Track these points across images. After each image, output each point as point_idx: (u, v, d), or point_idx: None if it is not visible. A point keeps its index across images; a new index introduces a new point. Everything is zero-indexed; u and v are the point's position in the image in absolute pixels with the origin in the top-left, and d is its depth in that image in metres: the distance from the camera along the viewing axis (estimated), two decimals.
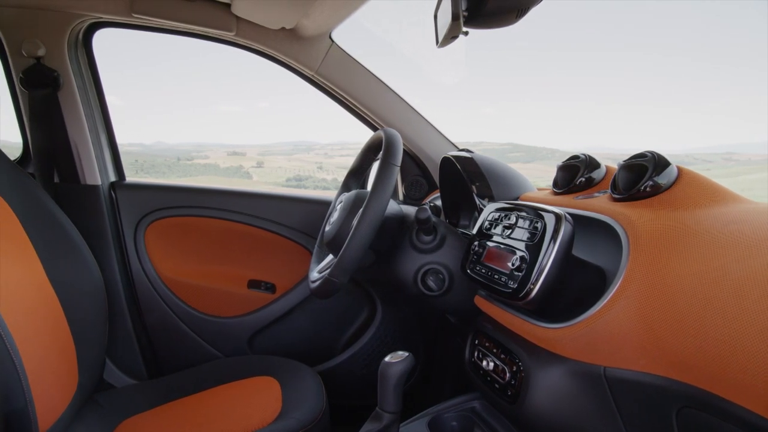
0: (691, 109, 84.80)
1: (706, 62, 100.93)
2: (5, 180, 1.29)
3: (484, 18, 0.94)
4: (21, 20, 1.52)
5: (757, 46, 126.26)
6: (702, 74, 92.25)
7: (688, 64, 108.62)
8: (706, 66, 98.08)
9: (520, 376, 0.93)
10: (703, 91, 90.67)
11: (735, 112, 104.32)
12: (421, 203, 1.73)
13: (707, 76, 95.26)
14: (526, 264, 0.90)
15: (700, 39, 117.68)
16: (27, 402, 1.05)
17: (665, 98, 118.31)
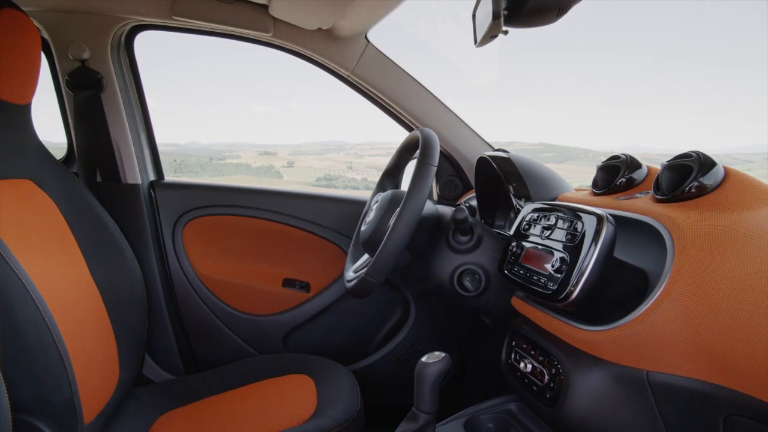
0: (728, 108, 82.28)
1: (744, 62, 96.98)
2: (52, 180, 1.33)
3: (524, 16, 0.93)
4: (67, 24, 1.57)
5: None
6: (739, 74, 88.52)
7: (724, 64, 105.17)
8: (743, 65, 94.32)
9: (559, 378, 0.91)
10: (741, 89, 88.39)
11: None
12: (456, 203, 1.73)
13: (745, 75, 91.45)
14: (566, 265, 0.89)
15: (738, 40, 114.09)
16: (73, 394, 1.08)
17: (701, 99, 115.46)
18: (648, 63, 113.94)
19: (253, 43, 1.69)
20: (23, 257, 1.07)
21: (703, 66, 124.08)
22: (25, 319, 1.02)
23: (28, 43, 1.19)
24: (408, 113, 1.70)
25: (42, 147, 1.35)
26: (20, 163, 1.24)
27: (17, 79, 1.19)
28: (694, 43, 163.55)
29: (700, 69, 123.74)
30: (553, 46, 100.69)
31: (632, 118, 76.78)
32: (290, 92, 63.38)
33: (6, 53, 1.13)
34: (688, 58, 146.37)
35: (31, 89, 1.26)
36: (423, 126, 1.64)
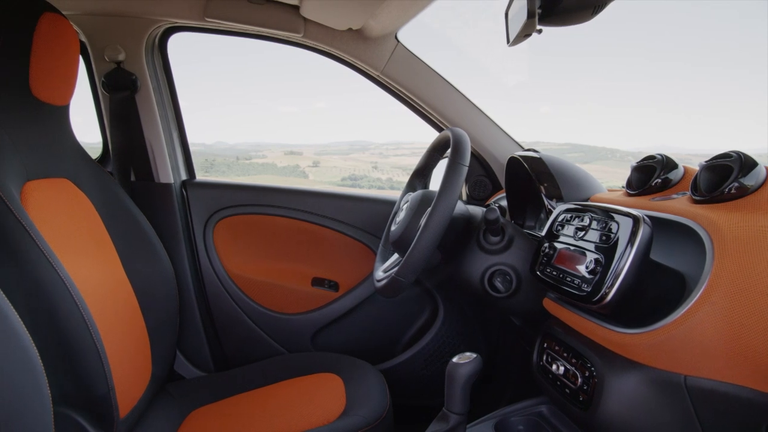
0: (764, 108, 76.04)
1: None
2: (89, 179, 1.36)
3: (559, 15, 0.92)
4: (104, 27, 1.60)
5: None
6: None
7: (758, 64, 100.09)
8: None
9: (593, 381, 0.90)
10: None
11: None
12: (485, 204, 1.72)
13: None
14: (600, 267, 0.88)
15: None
16: (109, 389, 1.10)
17: (735, 99, 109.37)
18: (678, 64, 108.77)
19: (284, 43, 1.71)
20: (62, 255, 1.10)
21: (737, 67, 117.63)
22: (64, 316, 1.04)
23: (67, 46, 1.23)
24: (437, 113, 1.69)
25: (79, 147, 1.38)
26: (59, 162, 1.28)
27: (57, 81, 1.23)
28: (727, 43, 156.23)
29: (734, 70, 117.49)
30: (581, 45, 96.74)
31: (660, 118, 74.14)
32: (316, 92, 63.33)
33: (47, 56, 1.17)
34: (721, 60, 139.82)
35: (70, 91, 1.30)
36: (453, 126, 1.64)
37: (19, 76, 1.13)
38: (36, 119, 1.21)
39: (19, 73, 1.13)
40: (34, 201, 1.14)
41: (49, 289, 1.03)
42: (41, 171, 1.20)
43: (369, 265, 1.79)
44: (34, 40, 1.13)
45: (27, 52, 1.13)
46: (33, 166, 1.18)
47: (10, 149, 1.11)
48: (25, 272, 1.02)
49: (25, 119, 1.17)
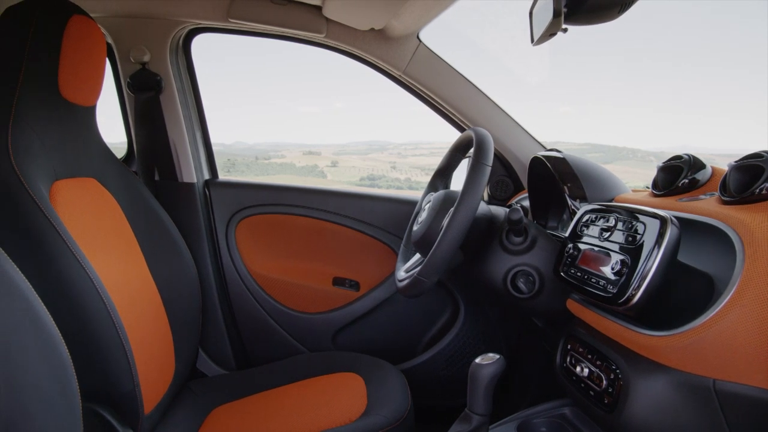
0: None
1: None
2: (115, 178, 1.38)
3: (585, 14, 0.91)
4: (130, 29, 1.63)
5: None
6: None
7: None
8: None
9: (618, 384, 0.89)
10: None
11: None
12: (507, 204, 1.71)
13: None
14: (626, 268, 0.87)
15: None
16: (135, 385, 1.12)
17: (757, 98, 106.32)
18: (701, 63, 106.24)
19: (306, 44, 1.72)
20: (89, 253, 1.12)
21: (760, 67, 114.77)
22: (91, 313, 1.06)
23: (95, 47, 1.25)
24: (459, 113, 1.69)
25: (105, 147, 1.40)
26: (86, 162, 1.30)
27: (85, 82, 1.25)
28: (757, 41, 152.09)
29: (757, 70, 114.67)
30: (600, 44, 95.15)
31: (682, 118, 72.47)
32: (335, 92, 63.11)
33: (75, 58, 1.19)
34: (747, 60, 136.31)
35: (97, 91, 1.32)
36: (474, 126, 1.63)
37: (48, 78, 1.16)
38: (64, 120, 1.23)
39: (49, 75, 1.16)
40: (62, 200, 1.16)
41: (77, 287, 1.05)
42: (69, 170, 1.22)
43: (390, 265, 1.79)
44: (63, 42, 1.15)
45: (56, 54, 1.15)
46: (61, 165, 1.20)
47: (40, 149, 1.13)
48: (53, 270, 1.04)
49: (53, 120, 1.19)
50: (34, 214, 1.04)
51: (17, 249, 0.80)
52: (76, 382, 0.82)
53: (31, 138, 1.11)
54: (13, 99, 1.09)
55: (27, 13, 1.13)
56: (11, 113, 1.08)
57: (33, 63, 1.12)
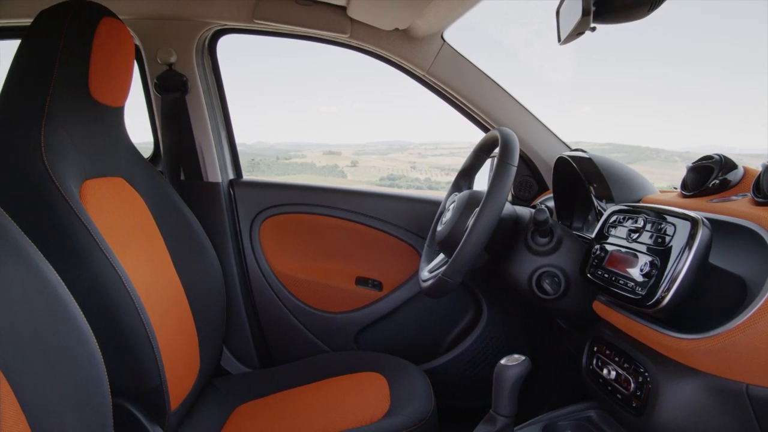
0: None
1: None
2: (142, 178, 1.40)
3: (614, 12, 0.90)
4: (157, 30, 1.65)
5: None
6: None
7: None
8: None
9: (647, 387, 0.88)
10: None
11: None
12: (530, 204, 1.70)
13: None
14: (656, 270, 0.86)
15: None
16: (162, 382, 1.14)
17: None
18: (729, 62, 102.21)
19: (330, 44, 1.72)
20: (118, 251, 1.13)
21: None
22: (120, 311, 1.08)
23: (123, 49, 1.27)
24: (483, 113, 1.68)
25: (133, 147, 1.42)
26: (114, 162, 1.32)
27: (114, 83, 1.27)
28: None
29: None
30: (626, 42, 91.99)
31: (708, 118, 69.70)
32: (354, 92, 62.62)
33: (105, 59, 1.21)
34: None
35: (125, 92, 1.34)
36: (499, 126, 1.62)
37: (79, 79, 1.18)
38: (94, 120, 1.25)
39: (80, 76, 1.18)
40: (92, 199, 1.18)
41: (106, 284, 1.07)
42: (98, 170, 1.25)
43: (413, 265, 1.79)
44: (93, 43, 1.17)
45: (87, 56, 1.17)
46: (91, 165, 1.22)
47: (71, 149, 1.15)
48: (84, 268, 1.06)
49: (84, 120, 1.21)
50: (65, 212, 1.06)
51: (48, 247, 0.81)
52: (106, 377, 0.83)
53: (62, 137, 1.13)
54: (45, 99, 1.11)
55: (59, 16, 1.15)
56: (44, 113, 1.10)
57: (65, 64, 1.14)
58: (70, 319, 0.79)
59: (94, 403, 0.81)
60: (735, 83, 20.70)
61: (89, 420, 0.80)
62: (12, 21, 1.67)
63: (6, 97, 1.13)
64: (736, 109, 15.24)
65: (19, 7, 1.62)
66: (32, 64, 1.14)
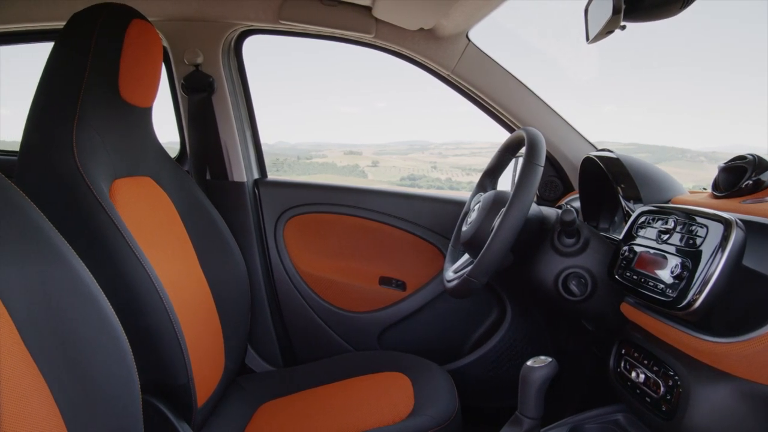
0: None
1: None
2: (169, 177, 1.42)
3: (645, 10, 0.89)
4: (184, 32, 1.67)
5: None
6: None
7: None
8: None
9: (677, 391, 0.87)
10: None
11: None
12: (556, 205, 1.68)
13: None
14: (687, 272, 0.84)
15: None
16: (189, 379, 1.15)
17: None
18: (752, 58, 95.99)
19: (355, 44, 1.72)
20: (146, 250, 1.15)
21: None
22: (149, 309, 1.10)
23: (152, 50, 1.29)
24: (509, 112, 1.67)
25: (160, 146, 1.44)
26: (143, 161, 1.34)
27: (143, 83, 1.29)
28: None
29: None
30: (649, 39, 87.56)
31: (735, 117, 66.63)
32: (376, 91, 61.96)
33: (134, 60, 1.23)
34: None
35: (153, 93, 1.36)
36: (524, 126, 1.61)
37: (109, 79, 1.20)
38: (123, 120, 1.27)
39: (110, 77, 1.20)
40: (121, 198, 1.20)
41: (135, 283, 1.09)
42: (127, 169, 1.27)
43: (436, 265, 1.79)
44: (123, 45, 1.19)
45: (117, 57, 1.19)
46: (120, 164, 1.24)
47: (101, 148, 1.17)
48: (114, 267, 1.08)
49: (113, 120, 1.23)
50: (96, 211, 1.08)
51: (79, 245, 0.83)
52: (136, 374, 0.85)
53: (93, 137, 1.15)
54: (77, 99, 1.13)
55: (91, 19, 1.17)
56: (76, 113, 1.12)
57: (96, 65, 1.16)
58: (102, 316, 0.80)
59: (125, 400, 0.82)
60: (764, 83, 20.16)
61: (120, 416, 0.81)
62: (46, 24, 1.71)
63: (40, 98, 1.15)
64: (763, 110, 14.93)
65: (53, 11, 1.66)
66: (65, 65, 1.17)
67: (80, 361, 0.77)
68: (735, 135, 21.13)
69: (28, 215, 0.77)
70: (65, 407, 0.74)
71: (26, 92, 1.19)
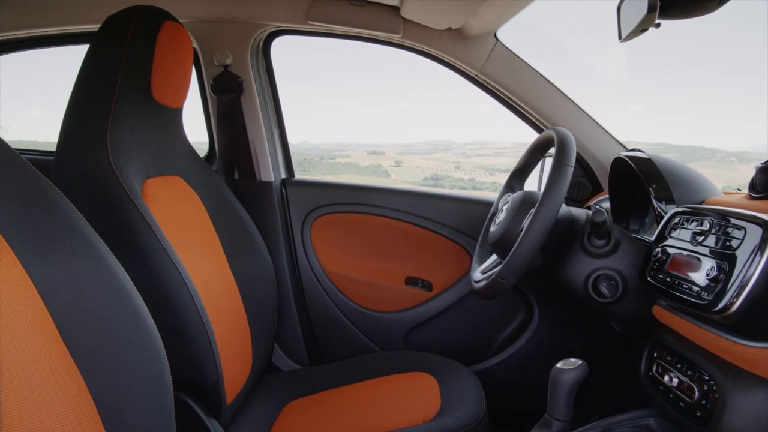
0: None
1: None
2: (198, 177, 1.44)
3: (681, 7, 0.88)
4: (214, 33, 1.69)
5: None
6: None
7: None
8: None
9: (713, 396, 0.85)
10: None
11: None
12: (585, 205, 1.66)
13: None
14: (724, 275, 0.83)
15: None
16: (219, 377, 1.17)
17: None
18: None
19: (382, 44, 1.73)
20: (178, 249, 1.17)
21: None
22: (181, 307, 1.11)
23: (183, 51, 1.31)
24: (537, 112, 1.65)
25: (190, 146, 1.46)
26: (173, 161, 1.36)
27: (174, 84, 1.31)
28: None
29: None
30: (673, 38, 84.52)
31: (763, 117, 64.17)
32: (399, 91, 61.37)
33: (166, 62, 1.25)
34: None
35: (184, 94, 1.38)
36: (553, 125, 1.60)
37: (142, 80, 1.22)
38: (155, 120, 1.29)
39: (143, 77, 1.22)
40: (152, 197, 1.22)
41: (168, 281, 1.10)
42: (158, 169, 1.29)
43: (462, 266, 1.78)
44: (156, 46, 1.21)
45: (150, 59, 1.21)
46: (152, 164, 1.26)
47: (134, 148, 1.19)
48: (146, 265, 1.09)
49: (146, 120, 1.25)
50: (129, 209, 1.10)
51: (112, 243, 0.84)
52: (169, 371, 0.86)
53: (126, 137, 1.17)
54: (111, 100, 1.15)
55: (125, 21, 1.20)
56: (110, 113, 1.14)
57: (129, 66, 1.18)
58: (136, 314, 0.82)
59: (158, 396, 0.84)
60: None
61: (154, 412, 0.83)
62: (81, 27, 1.75)
63: (76, 98, 1.18)
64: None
65: (88, 14, 1.70)
66: (100, 66, 1.19)
67: (116, 358, 0.78)
68: (765, 136, 20.56)
69: (67, 214, 0.79)
70: (102, 404, 0.75)
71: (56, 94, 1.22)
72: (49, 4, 1.72)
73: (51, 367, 0.70)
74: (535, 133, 1.69)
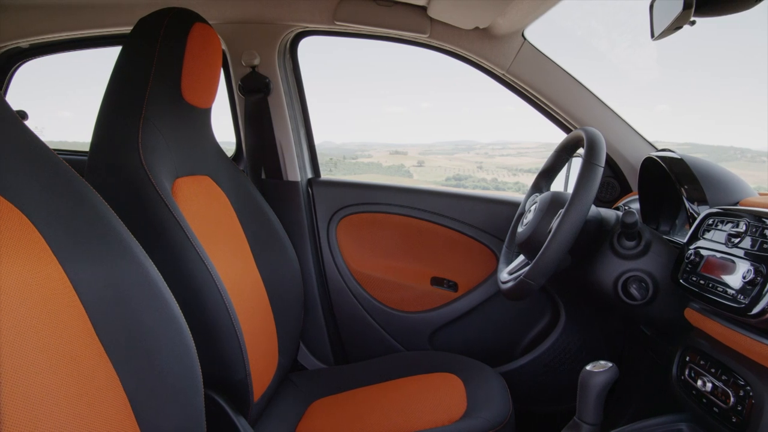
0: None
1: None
2: (226, 177, 1.46)
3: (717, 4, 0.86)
4: (242, 34, 1.71)
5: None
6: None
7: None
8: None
9: (749, 402, 0.83)
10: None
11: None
12: (613, 206, 1.64)
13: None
14: (761, 278, 0.81)
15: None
16: (246, 374, 1.18)
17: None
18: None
19: (409, 44, 1.72)
20: (207, 248, 1.18)
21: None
22: (210, 305, 1.13)
23: (213, 52, 1.32)
24: (565, 112, 1.63)
25: (218, 147, 1.48)
26: (202, 161, 1.38)
27: (203, 85, 1.33)
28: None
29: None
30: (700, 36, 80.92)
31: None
32: (422, 91, 60.81)
33: (196, 63, 1.26)
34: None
35: (213, 94, 1.39)
36: (581, 125, 1.58)
37: (173, 81, 1.24)
38: (184, 121, 1.31)
39: (173, 78, 1.24)
40: (182, 196, 1.24)
41: (197, 280, 1.12)
42: (188, 169, 1.30)
43: (489, 267, 1.77)
44: (186, 48, 1.23)
45: (180, 60, 1.23)
46: (182, 163, 1.28)
47: (165, 148, 1.21)
48: (177, 264, 1.11)
49: (176, 120, 1.27)
50: (160, 209, 1.11)
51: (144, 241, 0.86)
52: (199, 368, 0.87)
53: (157, 137, 1.19)
54: (143, 100, 1.17)
55: (156, 23, 1.22)
56: (141, 114, 1.16)
57: (161, 67, 1.20)
58: (168, 312, 0.83)
59: (189, 392, 0.85)
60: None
61: (185, 408, 0.84)
62: (114, 29, 1.79)
63: (108, 99, 1.20)
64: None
65: (120, 17, 1.73)
66: (132, 68, 1.21)
67: (148, 354, 0.79)
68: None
69: (101, 212, 0.81)
70: (134, 399, 0.77)
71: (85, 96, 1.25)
72: (79, 7, 1.76)
73: (87, 364, 0.72)
74: (561, 133, 1.67)
